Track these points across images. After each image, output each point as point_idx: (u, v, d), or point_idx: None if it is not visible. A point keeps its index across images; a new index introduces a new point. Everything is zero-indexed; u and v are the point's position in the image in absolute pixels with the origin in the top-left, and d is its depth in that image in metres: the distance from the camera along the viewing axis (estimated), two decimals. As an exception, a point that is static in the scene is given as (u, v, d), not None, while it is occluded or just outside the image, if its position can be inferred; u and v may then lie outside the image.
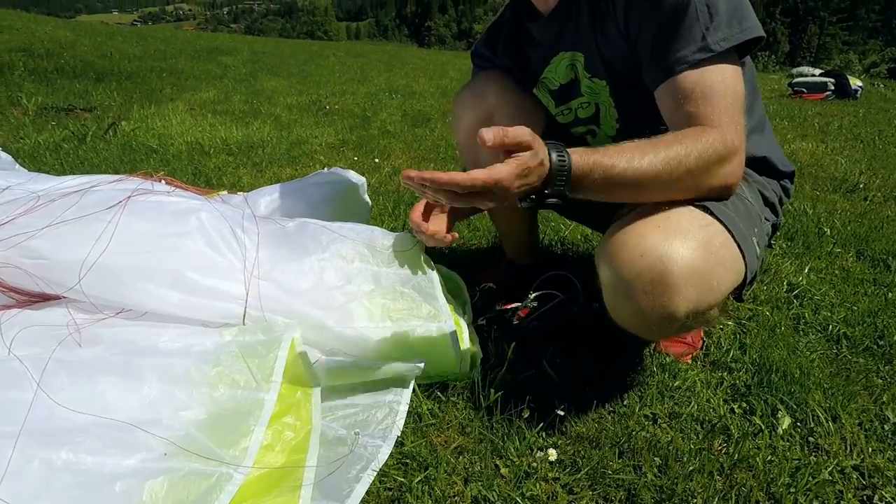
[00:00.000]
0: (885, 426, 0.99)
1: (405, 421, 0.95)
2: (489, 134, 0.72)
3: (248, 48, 9.24)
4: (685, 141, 0.82)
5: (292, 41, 16.45)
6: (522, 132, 0.74)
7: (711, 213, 0.89)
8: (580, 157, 0.80)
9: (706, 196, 0.89)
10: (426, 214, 1.15)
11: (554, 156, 0.78)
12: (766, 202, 1.04)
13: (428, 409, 0.98)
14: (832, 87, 5.94)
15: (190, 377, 0.79)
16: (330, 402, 0.94)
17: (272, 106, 4.30)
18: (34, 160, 2.48)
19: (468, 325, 1.22)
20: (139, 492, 0.67)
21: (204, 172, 2.45)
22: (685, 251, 0.81)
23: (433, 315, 1.11)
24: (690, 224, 0.86)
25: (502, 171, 0.73)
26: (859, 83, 6.22)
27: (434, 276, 1.24)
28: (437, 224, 1.15)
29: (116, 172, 2.38)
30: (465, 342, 1.12)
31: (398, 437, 0.91)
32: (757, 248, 0.95)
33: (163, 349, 0.83)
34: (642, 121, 0.93)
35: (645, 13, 0.89)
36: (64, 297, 0.95)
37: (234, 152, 2.85)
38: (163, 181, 1.34)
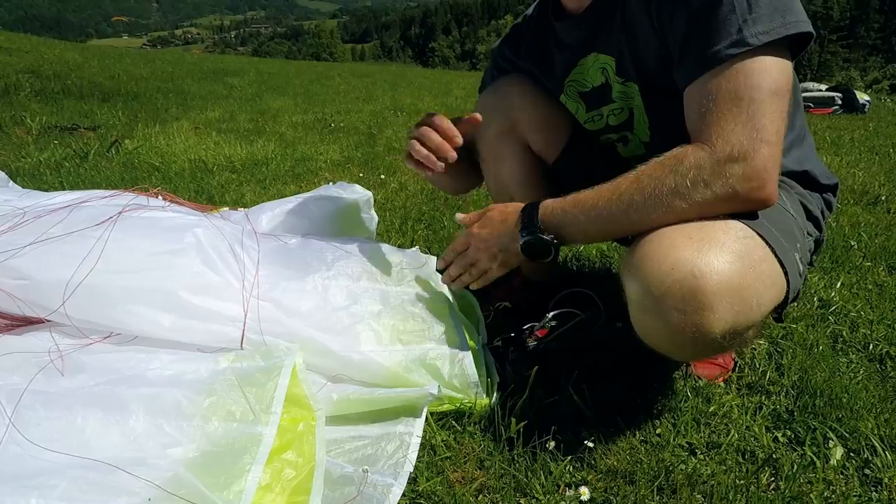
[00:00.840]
0: (950, 457, 0.89)
1: (418, 454, 0.86)
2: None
3: (254, 69, 9.32)
4: (659, 168, 0.81)
5: (298, 62, 16.63)
6: None
7: (749, 225, 0.81)
8: (551, 199, 0.89)
9: (736, 209, 0.81)
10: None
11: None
12: (810, 215, 0.97)
13: (443, 441, 0.89)
14: (839, 102, 5.90)
15: (180, 409, 0.71)
16: (335, 435, 0.86)
17: (277, 124, 4.28)
18: (34, 179, 2.43)
19: (483, 347, 1.14)
20: None
21: (207, 190, 2.40)
22: (720, 265, 0.74)
23: (446, 337, 1.03)
24: (726, 235, 0.78)
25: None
26: (866, 97, 6.18)
27: (446, 294, 1.16)
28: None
29: (116, 190, 2.35)
30: (480, 366, 1.04)
31: (411, 473, 0.82)
32: (800, 264, 0.87)
33: (151, 378, 0.75)
34: (674, 127, 0.86)
35: (676, 11, 0.83)
36: (48, 321, 0.88)
37: (237, 169, 2.81)
38: (160, 196, 1.28)
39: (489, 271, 0.99)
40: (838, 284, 1.52)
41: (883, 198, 2.43)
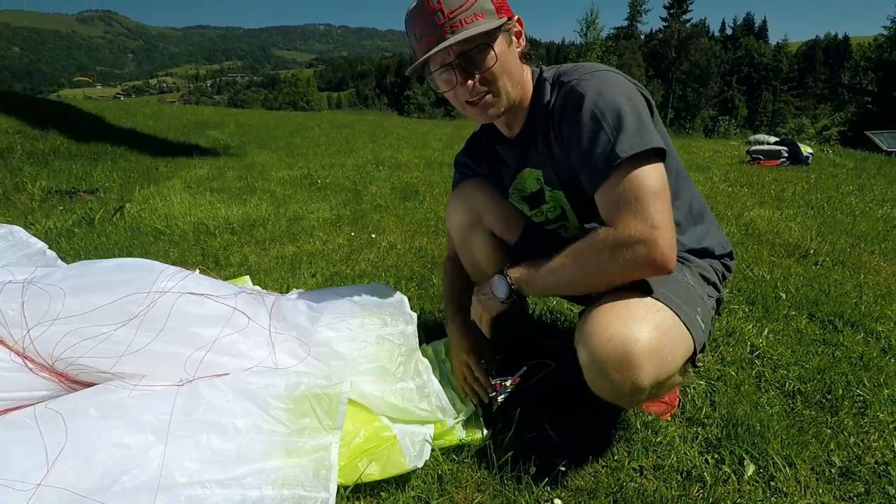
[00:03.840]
0: (833, 470, 1.16)
1: (431, 480, 1.09)
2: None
3: (233, 121, 9.50)
4: (583, 243, 1.08)
5: (276, 113, 16.96)
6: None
7: (661, 301, 1.08)
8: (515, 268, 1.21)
9: (640, 275, 1.07)
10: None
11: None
12: (708, 282, 1.25)
13: (448, 470, 1.13)
14: (786, 155, 6.45)
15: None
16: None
17: (265, 181, 4.47)
18: (49, 247, 2.60)
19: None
20: None
21: (211, 253, 2.60)
22: (642, 334, 1.00)
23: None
24: (645, 311, 1.05)
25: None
26: (810, 150, 6.76)
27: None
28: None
29: (129, 255, 2.54)
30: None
31: (425, 498, 1.05)
32: (702, 323, 1.14)
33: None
34: (597, 217, 1.13)
35: (571, 137, 1.12)
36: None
37: (236, 231, 2.99)
38: (196, 270, 1.51)
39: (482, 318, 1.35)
40: (766, 331, 1.81)
41: (812, 251, 2.77)
